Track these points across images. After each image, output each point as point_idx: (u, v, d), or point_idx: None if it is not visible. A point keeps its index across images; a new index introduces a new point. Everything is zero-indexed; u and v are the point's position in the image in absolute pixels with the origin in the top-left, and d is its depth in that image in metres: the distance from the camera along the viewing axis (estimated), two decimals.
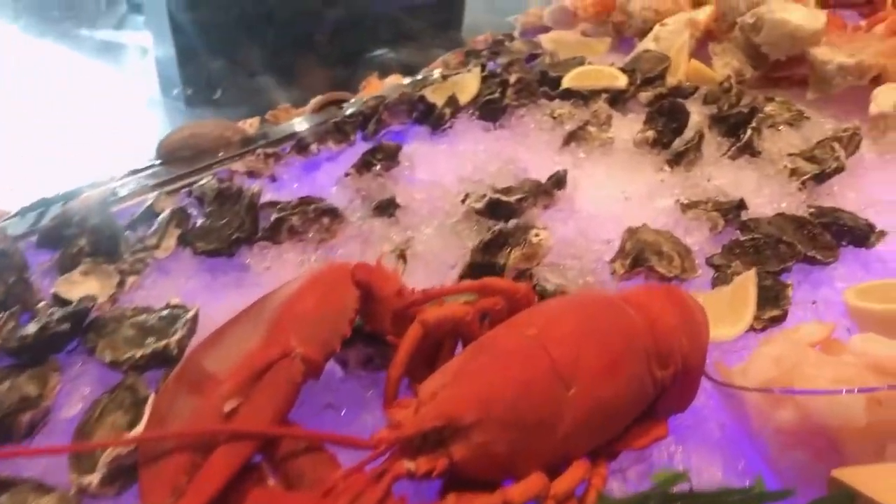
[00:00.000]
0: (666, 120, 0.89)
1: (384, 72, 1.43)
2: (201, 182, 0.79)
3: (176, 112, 4.19)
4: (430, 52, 1.58)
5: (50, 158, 1.62)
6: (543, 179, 0.79)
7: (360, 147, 0.91)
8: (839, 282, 0.70)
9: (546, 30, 1.29)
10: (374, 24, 1.79)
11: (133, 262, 0.68)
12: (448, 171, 0.81)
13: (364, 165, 0.81)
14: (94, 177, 0.87)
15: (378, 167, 0.81)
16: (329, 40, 1.80)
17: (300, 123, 1.00)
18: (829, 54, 0.95)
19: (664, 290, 0.54)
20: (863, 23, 1.15)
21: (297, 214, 0.71)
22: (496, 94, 0.95)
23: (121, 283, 0.65)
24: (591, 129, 0.89)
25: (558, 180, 0.77)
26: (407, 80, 1.35)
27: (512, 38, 1.34)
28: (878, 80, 0.97)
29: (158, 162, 0.90)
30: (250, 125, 1.09)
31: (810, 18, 0.97)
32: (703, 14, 1.09)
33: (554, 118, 0.94)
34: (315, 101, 1.08)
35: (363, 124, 0.96)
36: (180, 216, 0.74)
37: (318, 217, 0.72)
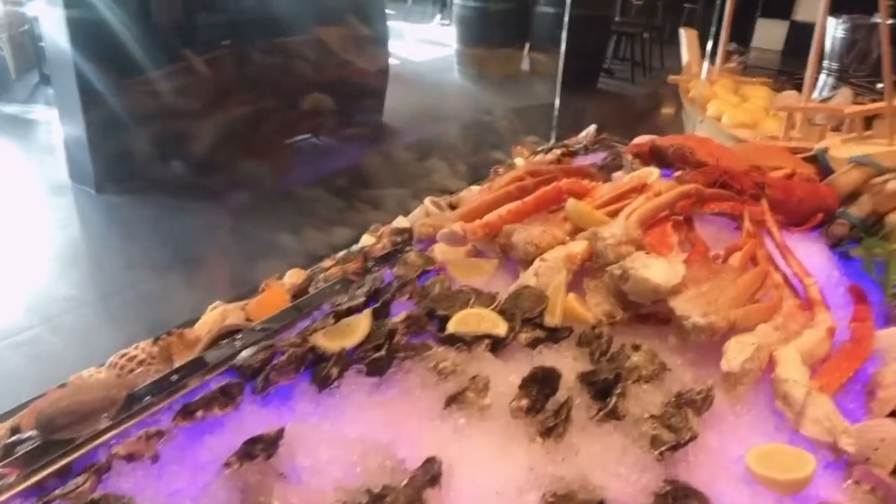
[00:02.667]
0: (539, 386, 0.95)
1: (286, 257, 1.47)
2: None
3: (86, 199, 4.02)
4: (336, 233, 1.63)
5: None
6: (424, 457, 0.83)
7: (247, 411, 0.93)
8: None
9: None
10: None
11: None
12: (329, 461, 0.84)
13: (245, 455, 0.83)
14: None
15: (259, 458, 0.83)
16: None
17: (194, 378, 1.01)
18: (687, 309, 1.05)
19: None
20: (721, 252, 1.26)
21: None
22: (383, 351, 0.99)
23: None
24: (470, 394, 0.94)
25: (433, 477, 0.81)
26: (305, 275, 1.39)
27: (409, 239, 1.41)
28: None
29: (33, 442, 0.88)
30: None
31: (670, 275, 1.07)
32: (580, 247, 1.18)
33: (438, 372, 0.99)
34: (209, 336, 1.10)
35: (252, 376, 0.98)
36: None
37: None
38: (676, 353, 1.08)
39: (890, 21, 3.65)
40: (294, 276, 1.37)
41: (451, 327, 1.06)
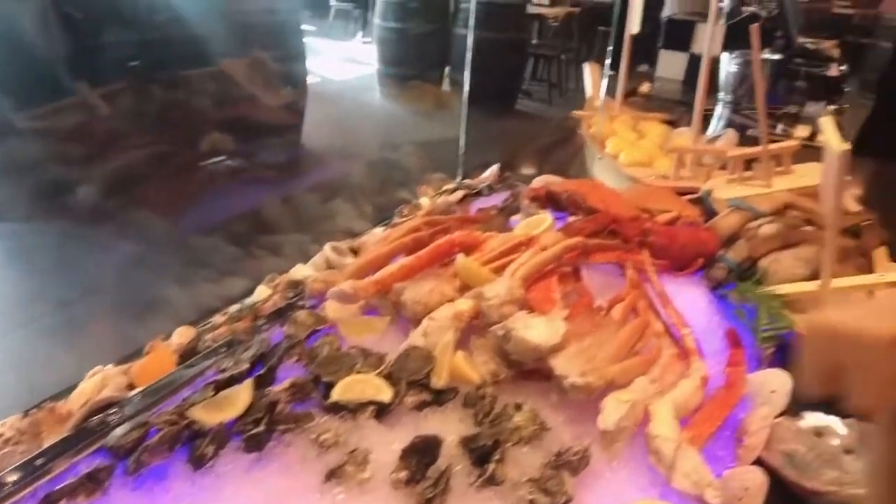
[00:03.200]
0: (419, 456, 0.96)
1: (175, 314, 1.43)
2: None
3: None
4: (227, 284, 1.59)
5: None
6: None
7: (117, 496, 0.90)
8: None
9: None
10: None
11: None
12: None
13: None
14: None
15: None
16: None
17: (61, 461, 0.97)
18: (566, 368, 1.08)
19: None
20: (605, 304, 1.31)
21: None
22: (262, 426, 0.98)
23: None
24: (349, 468, 0.94)
25: None
26: (193, 334, 1.36)
27: (301, 295, 1.39)
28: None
29: None
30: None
31: (550, 334, 1.10)
32: (467, 305, 1.20)
33: (320, 445, 0.98)
34: (81, 411, 1.05)
35: (125, 455, 0.95)
36: None
37: None
38: (558, 410, 1.11)
39: (775, 56, 3.91)
40: (182, 336, 1.33)
41: (335, 395, 1.06)
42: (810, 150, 3.10)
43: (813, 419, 1.22)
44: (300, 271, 1.59)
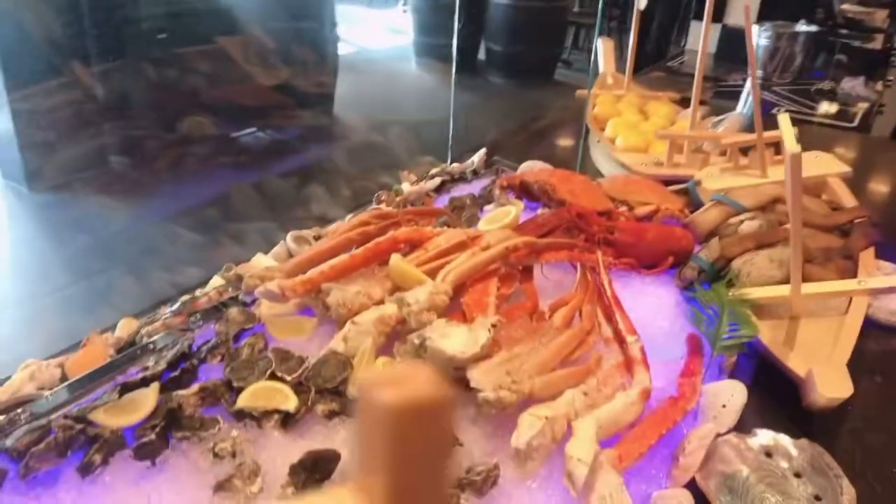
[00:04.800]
0: (308, 473, 0.93)
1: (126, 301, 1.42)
2: None
3: (17, 198, 3.95)
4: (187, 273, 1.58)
5: None
6: None
7: (6, 501, 0.90)
8: None
9: None
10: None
11: None
12: None
13: None
14: None
15: None
16: None
17: None
18: (481, 382, 1.03)
19: None
20: (547, 310, 1.24)
21: None
22: (153, 435, 0.96)
23: None
24: (237, 481, 0.92)
25: None
26: (134, 327, 1.35)
27: (237, 292, 1.36)
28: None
29: None
30: None
31: (468, 344, 1.05)
32: (392, 309, 1.15)
33: (215, 454, 0.96)
34: None
35: (18, 458, 0.95)
36: None
37: None
38: (477, 424, 1.06)
39: (811, 28, 3.67)
40: (123, 328, 1.32)
41: (241, 402, 1.03)
42: (834, 132, 2.91)
43: (765, 437, 1.14)
44: (260, 261, 1.56)
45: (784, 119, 1.07)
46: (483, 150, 2.16)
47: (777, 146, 1.83)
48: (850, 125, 2.95)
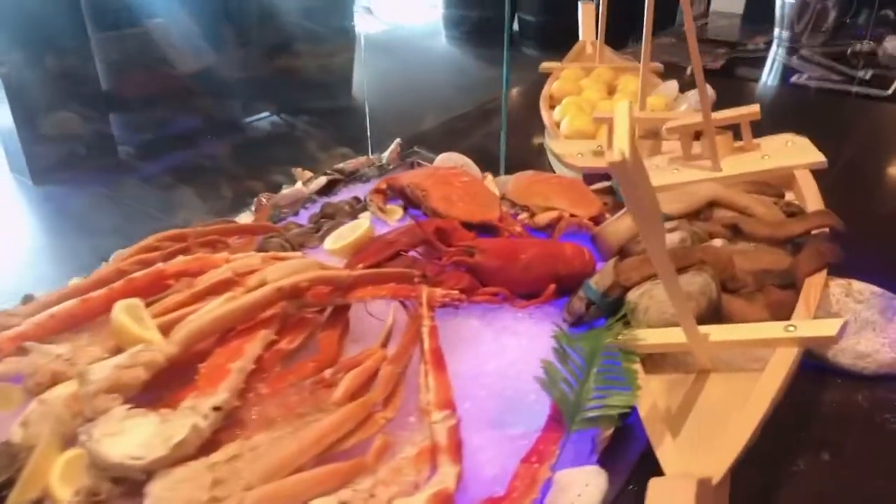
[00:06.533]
0: None
1: None
2: None
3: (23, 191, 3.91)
4: None
5: None
6: None
7: None
8: None
9: None
10: None
11: None
12: None
13: None
14: None
15: None
16: None
17: None
18: (166, 499, 0.72)
19: None
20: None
21: None
22: None
23: None
24: None
25: None
26: None
27: None
28: None
29: None
30: None
31: (150, 446, 0.74)
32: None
33: None
34: None
35: None
36: None
37: None
38: None
39: None
40: None
41: None
42: (865, 103, 2.39)
43: None
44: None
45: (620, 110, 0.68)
46: (397, 141, 1.82)
47: (737, 129, 1.42)
48: (883, 93, 2.43)
